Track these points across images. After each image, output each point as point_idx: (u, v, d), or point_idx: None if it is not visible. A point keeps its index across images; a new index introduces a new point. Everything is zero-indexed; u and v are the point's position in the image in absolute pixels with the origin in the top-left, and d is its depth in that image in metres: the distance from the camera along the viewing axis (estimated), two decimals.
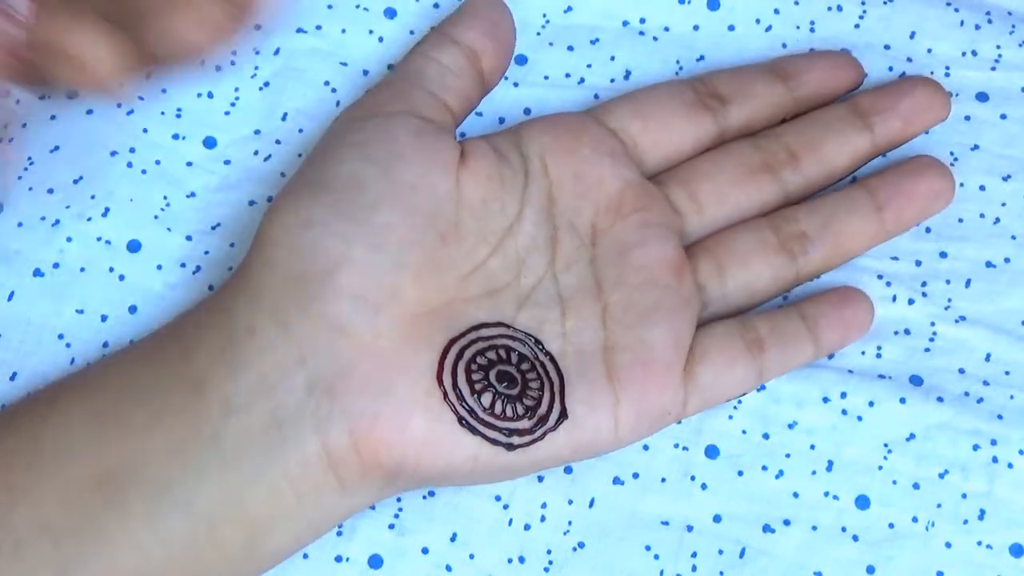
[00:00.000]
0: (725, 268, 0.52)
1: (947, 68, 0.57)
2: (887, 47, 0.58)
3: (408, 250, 0.49)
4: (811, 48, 0.58)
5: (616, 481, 0.52)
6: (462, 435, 0.48)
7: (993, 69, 0.57)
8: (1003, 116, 0.57)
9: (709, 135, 0.55)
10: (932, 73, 0.57)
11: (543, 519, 0.51)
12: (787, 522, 0.51)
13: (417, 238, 0.49)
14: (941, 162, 0.55)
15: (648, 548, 0.51)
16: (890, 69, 0.57)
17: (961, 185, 0.55)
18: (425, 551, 0.51)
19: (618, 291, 0.51)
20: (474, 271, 0.50)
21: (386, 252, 0.48)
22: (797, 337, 0.52)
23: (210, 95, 0.56)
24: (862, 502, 0.52)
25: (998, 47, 0.58)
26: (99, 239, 0.53)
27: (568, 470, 0.52)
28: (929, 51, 0.58)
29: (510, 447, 0.48)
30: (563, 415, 0.49)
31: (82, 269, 0.53)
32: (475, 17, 0.54)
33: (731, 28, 0.58)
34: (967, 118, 0.57)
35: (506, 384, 0.49)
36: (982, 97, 0.57)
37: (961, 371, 0.53)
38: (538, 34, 0.58)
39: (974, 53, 0.58)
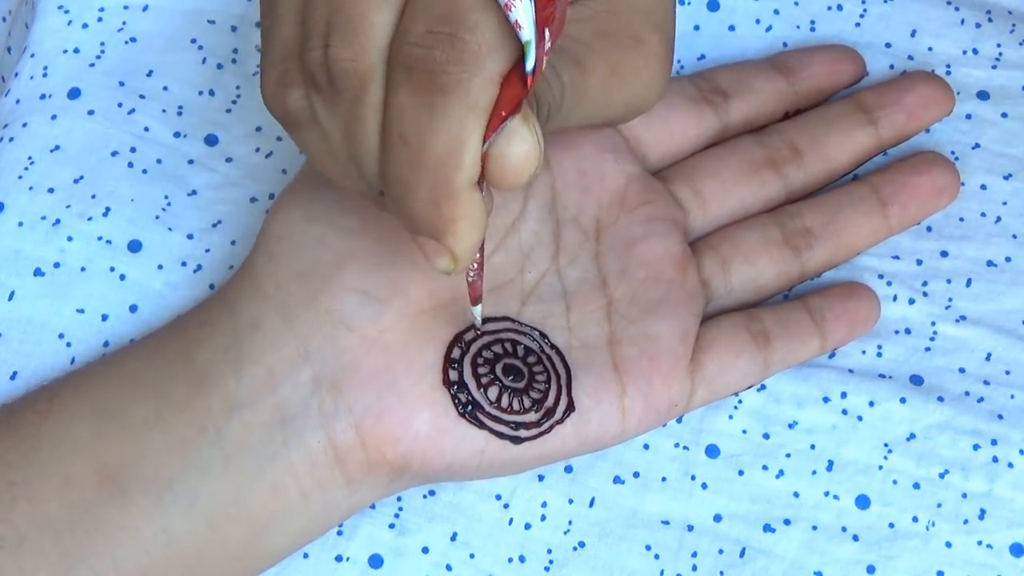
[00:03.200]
0: (729, 264, 0.53)
1: (948, 66, 0.57)
2: (888, 45, 0.58)
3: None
4: None
5: (616, 480, 0.52)
6: (468, 429, 0.48)
7: (994, 68, 0.57)
8: (1004, 115, 0.57)
9: (711, 130, 0.55)
10: (933, 71, 0.57)
11: (543, 518, 0.51)
12: (787, 522, 0.51)
13: None
14: (946, 157, 0.55)
15: (648, 548, 0.51)
16: (891, 67, 0.57)
17: (962, 184, 0.55)
18: (425, 551, 0.51)
19: (622, 285, 0.51)
20: None
21: (391, 247, 0.48)
22: (803, 330, 0.52)
23: (211, 93, 0.56)
24: (862, 502, 0.52)
25: (999, 46, 0.58)
26: (100, 239, 0.53)
27: (568, 469, 0.52)
28: (930, 49, 0.58)
29: (517, 440, 0.48)
30: (570, 408, 0.49)
31: (83, 269, 0.53)
32: None
33: (731, 28, 0.58)
34: (968, 116, 0.57)
35: (512, 377, 0.49)
36: (983, 96, 0.57)
37: (961, 371, 0.53)
38: None
39: (975, 52, 0.58)
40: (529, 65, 0.37)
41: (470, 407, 0.48)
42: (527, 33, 0.37)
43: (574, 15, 0.43)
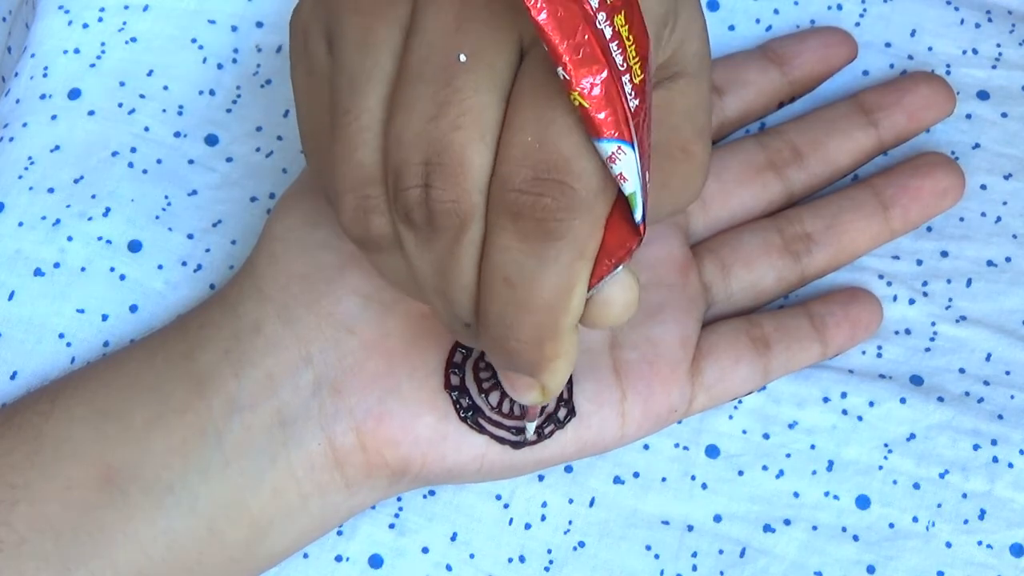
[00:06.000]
0: (730, 269, 0.52)
1: (948, 66, 0.57)
2: (888, 45, 0.58)
3: None
4: None
5: (616, 480, 0.52)
6: (469, 434, 0.48)
7: (994, 68, 0.57)
8: (1004, 114, 0.57)
9: None
10: (933, 71, 0.57)
11: (543, 518, 0.51)
12: (787, 522, 0.51)
13: None
14: (949, 158, 0.54)
15: (648, 548, 0.51)
16: (891, 67, 0.57)
17: None
18: (425, 551, 0.51)
19: None
20: None
21: None
22: (803, 336, 0.52)
23: (212, 92, 0.56)
24: (862, 502, 0.52)
25: (998, 45, 0.58)
26: (100, 239, 0.53)
27: (568, 469, 0.52)
28: (930, 49, 0.58)
29: (517, 445, 0.48)
30: (571, 413, 0.49)
31: (83, 269, 0.53)
32: None
33: (731, 28, 0.58)
34: (968, 116, 0.57)
35: None
36: (983, 96, 0.57)
37: (962, 371, 0.53)
38: None
39: (975, 52, 0.58)
40: (638, 216, 0.37)
41: (471, 412, 0.48)
42: (632, 185, 0.36)
43: None
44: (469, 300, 0.40)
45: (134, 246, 0.53)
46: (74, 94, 0.55)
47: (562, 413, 0.49)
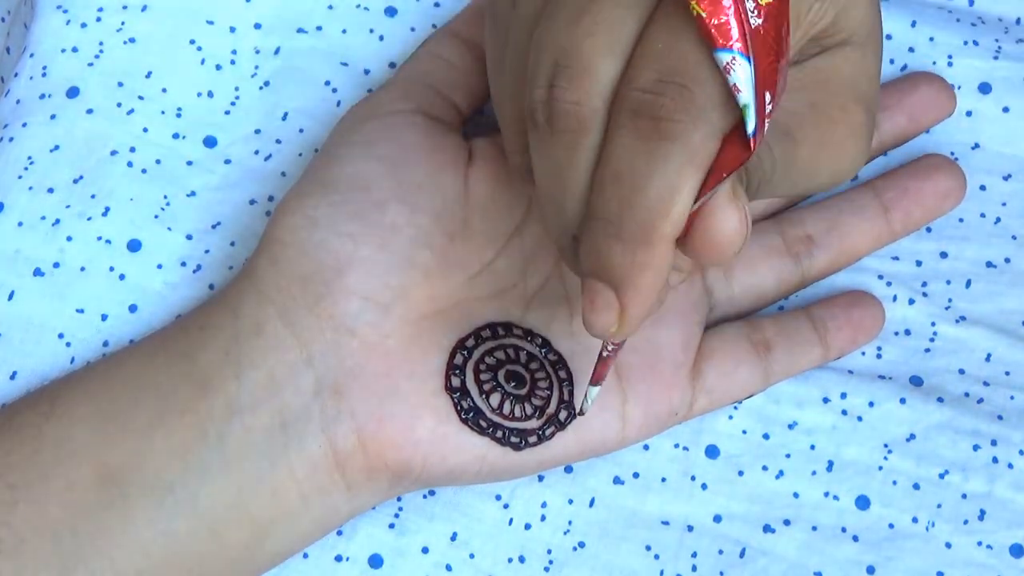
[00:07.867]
0: (732, 271, 0.52)
1: (949, 57, 0.57)
2: (888, 37, 0.57)
3: (416, 250, 0.49)
4: None
5: (616, 481, 0.52)
6: (470, 436, 0.48)
7: (995, 58, 0.57)
8: (1005, 109, 0.57)
9: None
10: (935, 63, 0.57)
11: (543, 519, 0.52)
12: (787, 522, 0.51)
13: (425, 238, 0.49)
14: (951, 160, 0.54)
15: (648, 548, 0.51)
16: (891, 62, 0.57)
17: None
18: (425, 551, 0.51)
19: None
20: (482, 271, 0.50)
21: (394, 252, 0.48)
22: (804, 339, 0.52)
23: (210, 94, 0.56)
24: (862, 502, 0.52)
25: (996, 40, 0.57)
26: (99, 238, 0.53)
27: (568, 469, 0.52)
28: (931, 39, 0.57)
29: (518, 447, 0.48)
30: (572, 415, 0.49)
31: (82, 268, 0.53)
32: (482, 15, 0.53)
33: None
34: (968, 114, 0.56)
35: (515, 384, 0.49)
36: (984, 88, 0.57)
37: (961, 371, 0.53)
38: None
39: (975, 43, 0.57)
40: (750, 127, 0.37)
41: (472, 414, 0.48)
42: (745, 96, 0.37)
43: (788, 84, 0.43)
44: (579, 207, 0.40)
45: (133, 245, 0.53)
46: (72, 92, 0.55)
47: (563, 415, 0.49)
